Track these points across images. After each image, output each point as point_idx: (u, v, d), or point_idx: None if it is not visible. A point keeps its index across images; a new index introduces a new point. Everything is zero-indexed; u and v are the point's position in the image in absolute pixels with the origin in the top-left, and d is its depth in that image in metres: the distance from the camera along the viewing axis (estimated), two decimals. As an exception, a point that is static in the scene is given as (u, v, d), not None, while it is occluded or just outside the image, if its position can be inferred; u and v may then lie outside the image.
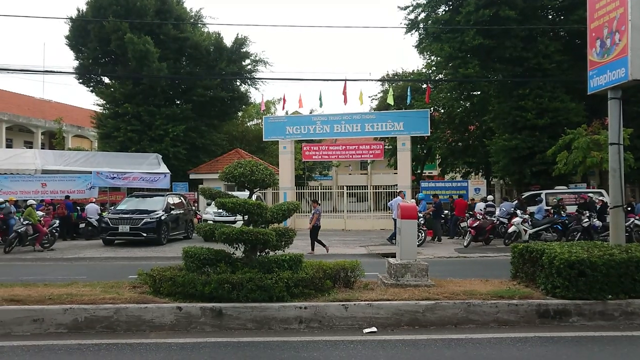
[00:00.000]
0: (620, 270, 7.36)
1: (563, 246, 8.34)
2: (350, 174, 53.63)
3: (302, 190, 31.53)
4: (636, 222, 18.00)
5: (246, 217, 8.30)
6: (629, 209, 19.27)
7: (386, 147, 35.11)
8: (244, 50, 36.30)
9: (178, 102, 35.40)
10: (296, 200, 25.26)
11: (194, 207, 25.75)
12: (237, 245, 8.18)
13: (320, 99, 31.10)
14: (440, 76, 34.18)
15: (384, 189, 30.79)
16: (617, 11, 8.81)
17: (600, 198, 20.74)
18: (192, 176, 32.40)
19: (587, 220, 18.24)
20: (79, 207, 23.27)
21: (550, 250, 7.91)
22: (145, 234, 19.25)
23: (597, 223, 18.27)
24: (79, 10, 34.28)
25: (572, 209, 20.69)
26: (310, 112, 37.58)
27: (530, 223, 18.93)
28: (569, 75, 25.72)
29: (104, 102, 34.57)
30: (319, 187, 34.08)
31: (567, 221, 19.01)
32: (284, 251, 8.31)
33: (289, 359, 5.93)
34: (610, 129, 9.28)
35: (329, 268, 8.15)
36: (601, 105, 10.90)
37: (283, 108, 31.86)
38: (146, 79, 31.91)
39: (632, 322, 7.15)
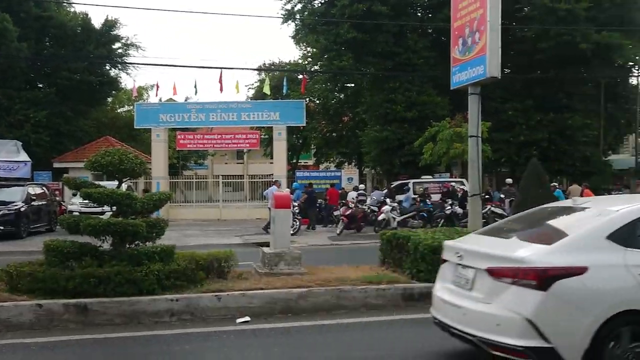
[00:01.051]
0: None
1: (427, 232, 8.83)
2: (226, 163, 53.02)
3: (177, 180, 30.72)
4: (492, 209, 19.45)
5: (114, 208, 7.94)
6: (487, 197, 20.77)
7: (262, 136, 35.09)
8: (115, 33, 34.44)
9: (41, 86, 32.94)
10: (170, 190, 24.60)
11: (57, 198, 24.20)
12: (104, 238, 7.79)
13: (195, 86, 30.48)
14: (316, 67, 34.78)
15: (260, 178, 30.81)
16: (477, 12, 9.42)
17: (462, 187, 22.12)
18: (56, 165, 30.33)
19: (449, 207, 19.47)
20: None
21: (416, 237, 8.33)
22: (2, 227, 17.88)
23: (459, 210, 19.54)
24: None
25: (436, 197, 21.92)
26: (185, 100, 36.58)
27: (398, 211, 19.79)
28: (435, 71, 27.15)
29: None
30: (194, 177, 33.39)
31: (431, 209, 20.12)
32: (154, 243, 8.05)
33: (159, 353, 5.78)
34: (470, 123, 9.94)
35: (202, 259, 8.02)
36: (464, 99, 11.62)
37: (156, 95, 30.95)
38: (3, 59, 29.38)
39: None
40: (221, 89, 26.00)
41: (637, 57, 29.53)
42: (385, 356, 5.45)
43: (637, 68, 32.25)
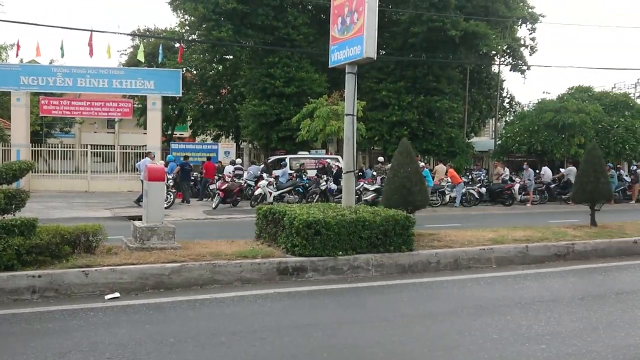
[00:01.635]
0: (350, 229, 8.21)
1: (302, 207, 8.99)
2: (95, 132, 50.37)
3: (40, 148, 28.66)
4: (365, 185, 20.17)
5: (-33, 177, 7.28)
6: (360, 174, 21.53)
7: (135, 105, 33.58)
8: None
9: None
10: (32, 159, 22.89)
11: None
12: (-45, 210, 7.14)
13: (62, 48, 28.62)
14: (194, 37, 33.72)
15: (132, 149, 29.61)
16: (356, -8, 9.57)
17: (337, 163, 22.74)
18: None
19: (324, 183, 19.93)
20: None
21: (291, 212, 8.47)
22: None
23: (333, 186, 20.07)
24: None
25: (312, 173, 22.35)
26: (50, 63, 33.95)
27: (275, 186, 19.96)
28: (314, 48, 27.42)
29: None
30: (60, 145, 31.30)
31: (307, 184, 20.49)
32: (14, 215, 7.49)
33: (19, 332, 5.43)
34: (347, 101, 10.16)
35: (68, 233, 7.59)
36: (341, 78, 11.87)
37: (17, 55, 28.43)
38: None
39: (358, 274, 8.06)
40: (91, 53, 24.37)
41: (500, 47, 31.68)
42: (258, 329, 5.51)
43: (499, 57, 34.60)
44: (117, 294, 6.73)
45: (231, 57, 33.61)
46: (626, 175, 26.62)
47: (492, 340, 5.27)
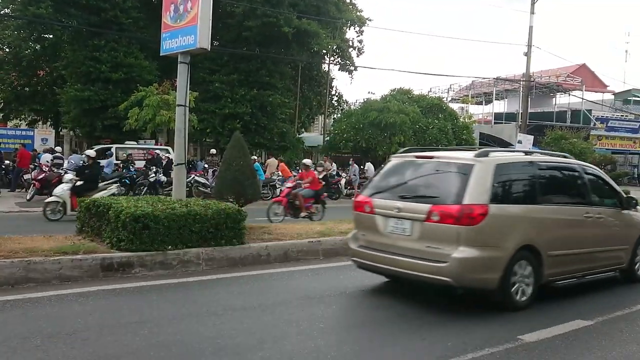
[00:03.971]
0: (180, 223, 8.01)
1: (130, 200, 8.60)
2: None
3: None
4: (196, 178, 19.85)
5: None
6: (191, 166, 21.11)
7: None
8: None
9: None
10: None
11: None
12: None
13: None
14: (7, 11, 30.57)
15: None
16: (191, -20, 9.34)
17: (167, 155, 22.08)
18: None
19: (153, 175, 19.23)
20: None
21: (117, 205, 8.05)
22: None
23: (163, 178, 19.45)
24: None
25: (141, 164, 21.46)
26: None
27: (99, 177, 18.84)
28: (144, 34, 26.32)
29: None
30: None
31: (135, 176, 19.63)
32: None
33: None
34: (179, 92, 9.91)
35: None
36: (173, 66, 11.51)
37: None
38: None
39: (188, 269, 7.90)
40: None
41: (330, 46, 32.96)
42: (79, 329, 5.18)
43: (329, 56, 35.97)
44: None
45: (51, 36, 31.00)
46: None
47: (318, 330, 5.48)
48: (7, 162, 21.43)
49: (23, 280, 6.72)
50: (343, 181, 23.88)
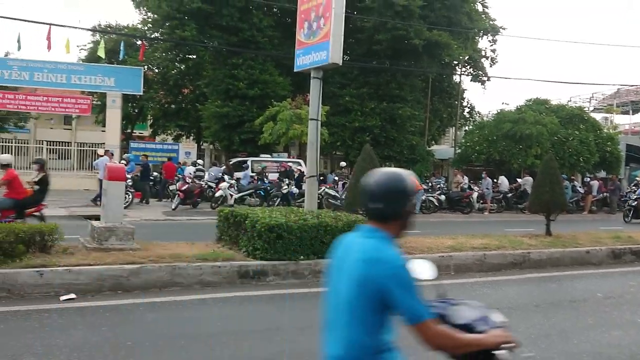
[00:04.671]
0: (312, 234, 8.20)
1: (264, 211, 8.95)
2: (52, 128, 48.99)
3: (-8, 143, 27.80)
4: (327, 190, 20.22)
5: None
6: (322, 178, 21.55)
7: (94, 102, 32.88)
8: None
9: None
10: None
11: None
12: None
13: (18, 41, 27.77)
14: (157, 35, 33.25)
15: (89, 146, 29.01)
16: (324, -2, 9.61)
17: (299, 167, 22.72)
18: None
19: (286, 187, 19.88)
20: None
21: (253, 215, 8.41)
22: None
23: (295, 190, 20.04)
24: None
25: (274, 176, 22.26)
26: (6, 55, 32.99)
27: (236, 188, 19.82)
28: (279, 51, 27.35)
29: None
30: (13, 141, 30.42)
31: (269, 187, 20.41)
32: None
33: (-31, 334, 5.25)
34: (311, 106, 10.17)
35: (22, 231, 7.36)
36: (305, 82, 11.87)
37: (-30, 46, 27.53)
38: None
39: (319, 279, 8.05)
40: (49, 47, 23.70)
41: (461, 57, 32.26)
42: (218, 333, 5.47)
43: (460, 67, 35.20)
44: (73, 295, 6.57)
45: (194, 56, 33.26)
46: (580, 187, 27.41)
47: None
48: (155, 174, 23.08)
49: (169, 284, 7.22)
50: (475, 195, 23.15)
